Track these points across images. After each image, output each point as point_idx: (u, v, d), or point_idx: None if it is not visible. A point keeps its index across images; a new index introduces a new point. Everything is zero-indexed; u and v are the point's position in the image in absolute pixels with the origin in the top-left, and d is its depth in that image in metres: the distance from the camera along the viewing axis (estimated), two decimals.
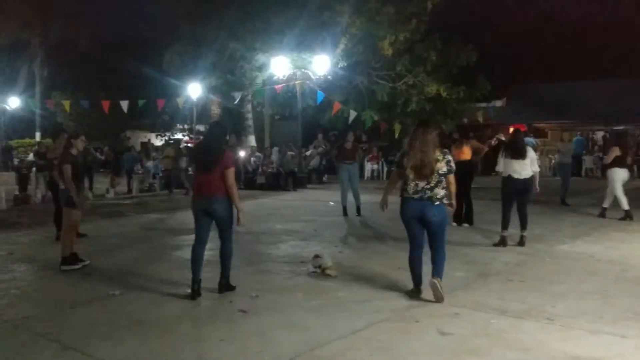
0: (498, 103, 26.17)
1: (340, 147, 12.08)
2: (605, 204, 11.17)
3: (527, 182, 8.31)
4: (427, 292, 5.80)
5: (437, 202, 5.68)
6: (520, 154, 8.25)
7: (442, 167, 5.66)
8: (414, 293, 5.92)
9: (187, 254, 6.43)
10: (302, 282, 6.62)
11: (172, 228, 10.79)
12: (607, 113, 22.68)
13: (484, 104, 25.08)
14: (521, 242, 8.35)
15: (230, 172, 5.92)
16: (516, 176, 8.25)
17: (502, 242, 8.36)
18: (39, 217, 11.76)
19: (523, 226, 8.42)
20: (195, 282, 5.95)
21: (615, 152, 11.03)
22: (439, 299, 5.63)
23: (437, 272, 5.72)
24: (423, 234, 5.84)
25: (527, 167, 8.25)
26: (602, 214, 11.10)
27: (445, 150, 5.89)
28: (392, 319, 5.25)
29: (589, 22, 28.24)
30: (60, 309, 5.67)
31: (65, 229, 7.40)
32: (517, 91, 26.22)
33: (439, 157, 5.67)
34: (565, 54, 28.81)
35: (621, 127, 23.00)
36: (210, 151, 5.99)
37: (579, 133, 23.51)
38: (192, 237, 6.24)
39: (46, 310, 5.65)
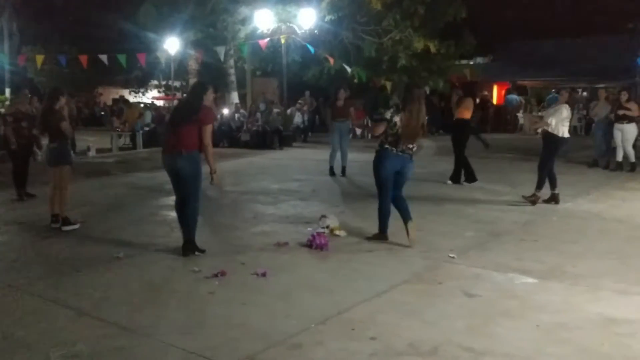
0: (481, 60, 25.97)
1: (333, 105, 11.79)
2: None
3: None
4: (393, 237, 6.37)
5: (412, 156, 6.27)
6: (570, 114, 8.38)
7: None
8: (380, 238, 6.38)
9: None
10: None
11: (162, 187, 10.43)
12: (590, 71, 22.66)
13: (466, 61, 24.88)
14: (557, 200, 8.36)
15: (208, 129, 5.73)
16: (567, 136, 8.32)
17: (555, 199, 8.36)
18: None
19: (556, 184, 8.44)
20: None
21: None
22: (414, 239, 6.13)
23: (408, 214, 6.23)
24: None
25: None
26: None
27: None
28: (413, 280, 5.13)
29: None
30: (66, 273, 5.41)
31: (64, 188, 7.11)
32: (501, 48, 26.02)
33: (424, 122, 6.26)
34: (549, 10, 28.58)
35: (602, 85, 23.00)
36: (185, 108, 5.89)
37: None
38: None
39: (51, 275, 5.38)
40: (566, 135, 8.24)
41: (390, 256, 5.85)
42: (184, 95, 6.82)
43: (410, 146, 6.17)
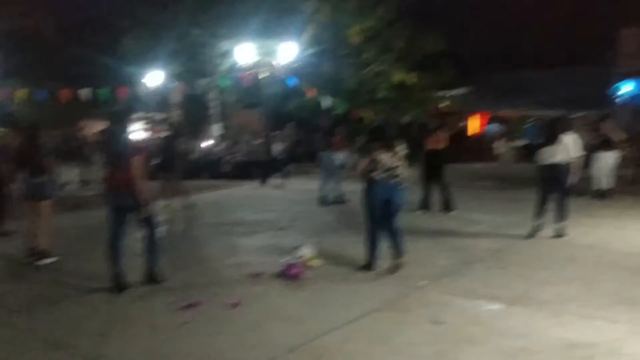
0: (462, 91, 26.39)
1: (331, 137, 11.95)
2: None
3: (559, 169, 7.97)
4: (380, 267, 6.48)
5: (401, 186, 6.36)
6: (552, 140, 8.01)
7: (401, 150, 6.46)
8: (367, 268, 6.46)
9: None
10: None
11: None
12: (566, 100, 23.13)
13: (446, 92, 25.28)
14: (560, 233, 7.98)
15: (135, 162, 5.78)
16: (546, 163, 8.04)
17: (531, 233, 8.06)
18: None
19: (561, 216, 8.03)
20: (120, 276, 5.87)
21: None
22: (392, 270, 6.35)
23: (400, 252, 6.46)
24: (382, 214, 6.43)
25: (561, 153, 7.96)
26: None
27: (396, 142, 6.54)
28: (383, 308, 5.22)
29: (550, 11, 28.78)
30: (41, 305, 5.46)
31: (48, 222, 7.16)
32: (480, 79, 26.50)
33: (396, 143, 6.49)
34: (526, 42, 29.33)
35: (581, 114, 23.47)
36: (114, 144, 5.91)
37: (530, 119, 23.82)
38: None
39: (26, 306, 5.43)
40: (545, 162, 8.09)
41: (363, 285, 5.94)
42: (110, 131, 6.71)
43: (393, 165, 6.27)
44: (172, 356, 4.20)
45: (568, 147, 8.09)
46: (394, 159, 6.36)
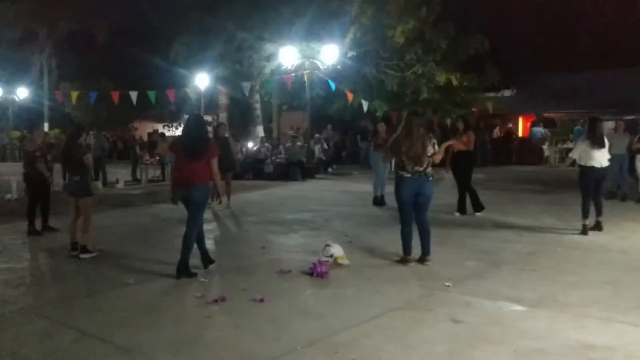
0: (507, 93, 26.00)
1: (379, 137, 12.06)
2: None
3: (606, 171, 8.45)
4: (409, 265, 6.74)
5: (430, 178, 6.70)
6: (601, 143, 8.30)
7: (430, 150, 6.67)
8: (403, 261, 6.77)
9: None
10: None
11: (183, 218, 10.79)
12: (616, 102, 22.50)
13: (492, 94, 24.97)
14: (599, 227, 8.44)
15: (215, 162, 6.40)
16: (597, 165, 8.30)
17: (584, 231, 8.34)
18: None
19: (599, 212, 8.51)
20: (183, 262, 6.32)
21: None
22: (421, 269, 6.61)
23: (426, 249, 6.78)
24: (413, 209, 6.75)
25: (606, 155, 8.33)
26: None
27: (431, 135, 6.88)
28: (405, 307, 5.30)
29: (600, 11, 28.07)
30: (77, 297, 5.75)
31: (88, 218, 7.50)
32: (526, 80, 26.04)
33: (427, 143, 6.67)
34: (575, 43, 28.64)
35: (632, 117, 22.79)
36: (194, 142, 6.37)
37: (580, 121, 23.22)
38: (205, 227, 6.45)
39: (63, 298, 5.73)
40: (590, 164, 8.32)
41: (387, 284, 6.03)
42: (186, 129, 7.27)
43: (419, 169, 6.60)
44: (194, 347, 4.39)
45: (608, 148, 8.24)
46: (422, 155, 6.59)
